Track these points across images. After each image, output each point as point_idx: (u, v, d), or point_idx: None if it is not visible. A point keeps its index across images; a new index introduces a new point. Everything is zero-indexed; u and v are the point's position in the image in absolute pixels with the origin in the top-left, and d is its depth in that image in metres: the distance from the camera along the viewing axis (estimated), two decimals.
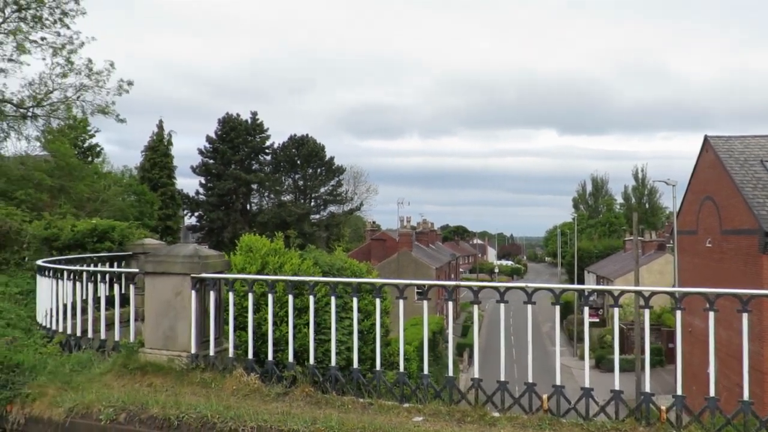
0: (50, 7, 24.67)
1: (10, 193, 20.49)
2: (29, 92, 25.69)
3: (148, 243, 11.97)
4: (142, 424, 5.55)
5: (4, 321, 8.90)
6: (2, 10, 24.00)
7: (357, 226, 75.16)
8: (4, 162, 24.06)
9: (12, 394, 6.19)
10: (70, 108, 26.43)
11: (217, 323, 6.92)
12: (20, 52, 24.61)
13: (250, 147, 62.66)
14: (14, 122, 25.83)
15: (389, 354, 11.41)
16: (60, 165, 24.82)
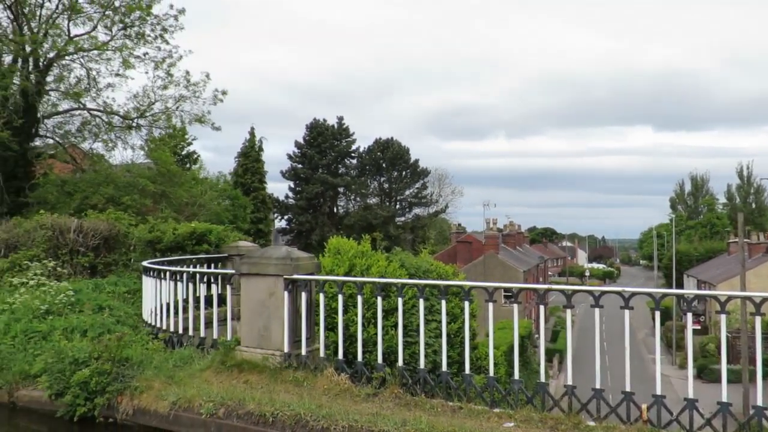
0: (152, 24, 26.31)
1: (117, 199, 21.90)
2: (134, 104, 27.52)
3: (242, 245, 12.46)
4: (239, 419, 5.78)
5: (114, 318, 9.55)
6: (110, 28, 25.80)
7: (442, 229, 74.84)
8: (112, 170, 25.77)
9: (122, 387, 6.62)
10: (170, 118, 28.05)
11: (309, 323, 7.10)
12: (126, 67, 26.40)
13: (336, 151, 63.95)
14: (121, 132, 27.71)
15: (475, 358, 11.28)
16: (161, 172, 26.27)
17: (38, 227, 13.40)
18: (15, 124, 22.63)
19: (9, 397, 7.51)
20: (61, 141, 27.03)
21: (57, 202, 21.84)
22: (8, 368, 7.77)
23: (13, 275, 11.59)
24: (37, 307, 9.59)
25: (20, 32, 23.73)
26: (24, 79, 23.44)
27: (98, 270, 13.43)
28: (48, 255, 12.72)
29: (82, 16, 25.21)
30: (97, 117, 27.08)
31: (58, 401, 6.81)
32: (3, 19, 24.13)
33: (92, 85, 26.55)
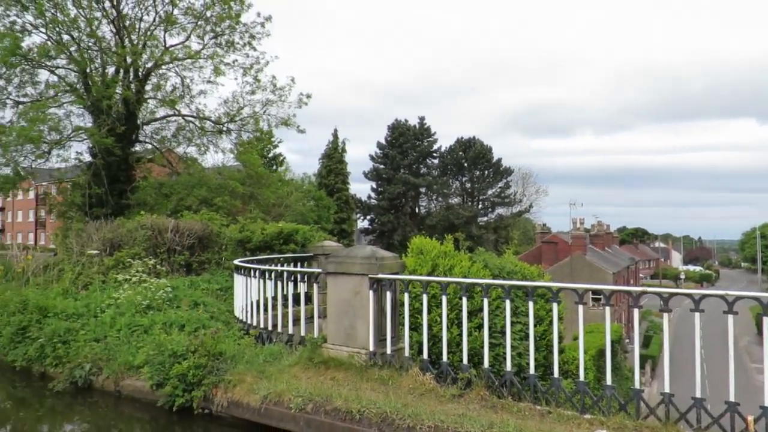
0: (240, 32, 27.40)
1: (210, 200, 22.94)
2: (224, 109, 28.78)
3: (327, 245, 12.70)
4: (327, 414, 5.89)
5: (208, 314, 10.00)
6: (202, 38, 27.11)
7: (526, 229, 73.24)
8: (205, 172, 27.01)
9: (217, 380, 6.92)
10: (258, 121, 29.11)
11: (393, 322, 7.15)
12: (217, 74, 27.66)
13: (418, 151, 64.02)
14: (212, 137, 29.05)
15: (562, 362, 10.95)
16: (250, 174, 27.30)
17: (139, 227, 14.26)
18: (118, 130, 24.22)
19: (115, 386, 8.04)
20: (159, 146, 28.66)
21: (155, 203, 23.16)
22: (114, 359, 8.32)
23: (118, 272, 12.39)
24: (139, 302, 10.20)
25: (122, 45, 25.34)
26: (125, 89, 25.01)
27: (193, 268, 14.11)
28: (148, 253, 13.51)
29: (177, 27, 26.62)
30: (190, 122, 28.52)
31: (159, 391, 7.22)
32: (107, 33, 25.88)
33: (186, 93, 28.02)
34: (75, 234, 15.93)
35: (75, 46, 24.66)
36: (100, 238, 14.39)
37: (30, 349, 9.29)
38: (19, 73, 24.31)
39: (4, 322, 10.27)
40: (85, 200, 24.60)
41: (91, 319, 9.78)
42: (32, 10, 23.48)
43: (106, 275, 12.66)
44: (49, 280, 12.94)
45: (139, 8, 26.11)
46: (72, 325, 9.43)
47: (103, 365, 8.34)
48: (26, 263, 13.78)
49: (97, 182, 24.53)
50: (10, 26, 23.47)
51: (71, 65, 24.97)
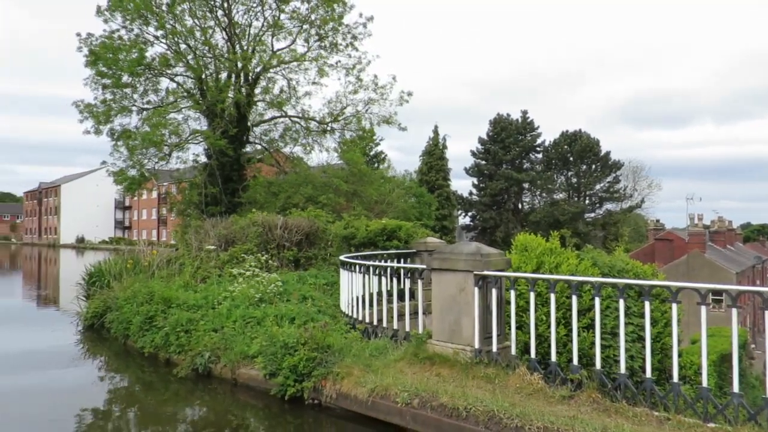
0: (343, 33, 28.07)
1: (315, 198, 23.70)
2: (328, 109, 29.64)
3: (430, 241, 12.73)
4: (433, 410, 5.91)
5: (316, 308, 10.34)
6: (307, 41, 28.03)
7: (638, 225, 69.53)
8: (310, 171, 27.93)
9: (326, 372, 7.14)
10: (360, 120, 29.70)
11: (499, 320, 7.04)
12: (321, 75, 28.54)
13: (521, 146, 62.60)
14: (317, 136, 30.01)
15: (679, 366, 10.31)
16: (353, 172, 27.91)
17: (251, 224, 14.98)
18: (230, 132, 25.61)
19: (232, 375, 8.51)
20: (267, 146, 29.99)
21: (265, 201, 24.24)
22: (231, 348, 8.80)
23: (232, 266, 13.10)
24: (252, 295, 10.73)
25: (233, 51, 26.73)
26: (237, 93, 26.38)
27: (300, 263, 14.64)
28: (259, 249, 14.17)
29: (284, 31, 27.72)
30: (296, 123, 29.62)
31: (272, 381, 7.56)
32: (219, 41, 27.39)
33: (292, 94, 29.14)
34: (194, 230, 17.02)
35: (191, 54, 26.35)
36: (216, 234, 15.27)
37: (156, 337, 10.05)
38: (143, 81, 26.28)
39: (134, 312, 11.18)
40: (201, 199, 26.22)
41: (209, 311, 10.40)
42: (154, 22, 25.29)
43: (222, 269, 13.41)
44: (172, 274, 13.90)
45: (248, 15, 27.46)
46: (193, 316, 10.09)
47: (220, 354, 8.86)
48: (152, 258, 14.90)
49: (212, 182, 26.06)
50: (135, 39, 25.43)
51: (188, 72, 26.69)
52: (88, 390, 8.94)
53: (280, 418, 7.17)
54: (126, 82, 25.59)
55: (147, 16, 24.97)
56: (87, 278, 15.42)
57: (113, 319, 11.91)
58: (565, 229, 51.06)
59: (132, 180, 26.79)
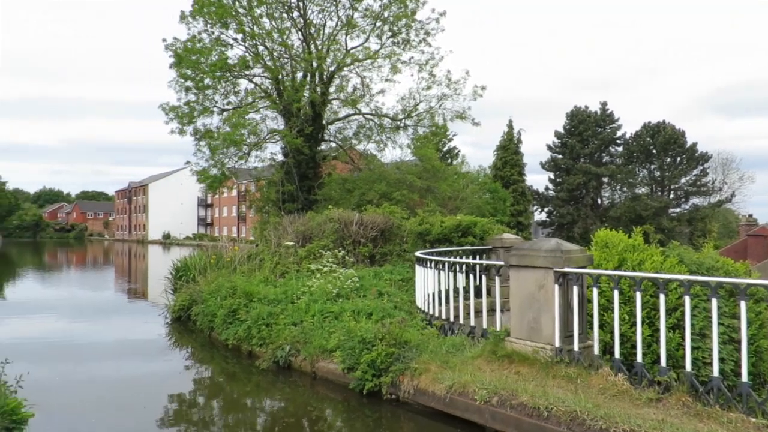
0: (416, 29, 28.05)
1: (389, 194, 23.83)
2: (401, 106, 29.70)
3: (506, 238, 12.53)
4: (512, 409, 5.83)
5: (392, 303, 10.41)
6: (380, 37, 28.19)
7: (727, 221, 65.61)
8: (384, 168, 28.10)
9: (403, 367, 7.18)
10: (433, 116, 29.60)
11: (581, 319, 6.85)
12: (394, 72, 28.63)
13: (600, 139, 60.46)
14: (390, 133, 30.15)
15: None
16: (426, 168, 27.85)
17: (327, 220, 15.26)
18: (306, 131, 26.16)
19: (311, 368, 8.71)
20: (341, 144, 30.41)
21: (339, 198, 24.60)
22: (310, 342, 9.01)
23: (310, 262, 13.39)
24: (330, 290, 10.93)
25: (308, 51, 27.26)
26: (312, 92, 26.90)
27: (376, 259, 14.77)
28: (335, 245, 14.41)
29: (357, 29, 27.99)
30: (370, 120, 29.86)
31: (350, 375, 7.68)
32: (295, 41, 27.99)
33: (366, 92, 29.39)
34: (272, 227, 17.50)
35: (269, 55, 27.07)
36: (293, 230, 15.65)
37: (239, 330, 10.42)
38: (223, 83, 27.25)
39: (218, 305, 11.64)
40: (278, 196, 26.94)
41: (288, 305, 10.69)
42: (233, 26, 26.17)
43: (300, 265, 13.73)
44: (252, 269, 14.37)
45: (323, 15, 27.91)
46: (273, 310, 10.40)
47: (300, 347, 9.08)
48: (233, 253, 15.45)
49: (289, 179, 26.71)
50: (215, 42, 26.39)
51: (265, 73, 27.45)
52: (176, 379, 9.40)
53: (358, 412, 7.27)
54: (207, 84, 26.63)
55: (227, 20, 25.86)
56: (174, 273, 16.18)
57: (198, 312, 12.45)
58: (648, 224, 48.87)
59: (214, 179, 27.87)
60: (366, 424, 6.93)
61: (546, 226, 62.52)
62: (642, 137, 60.67)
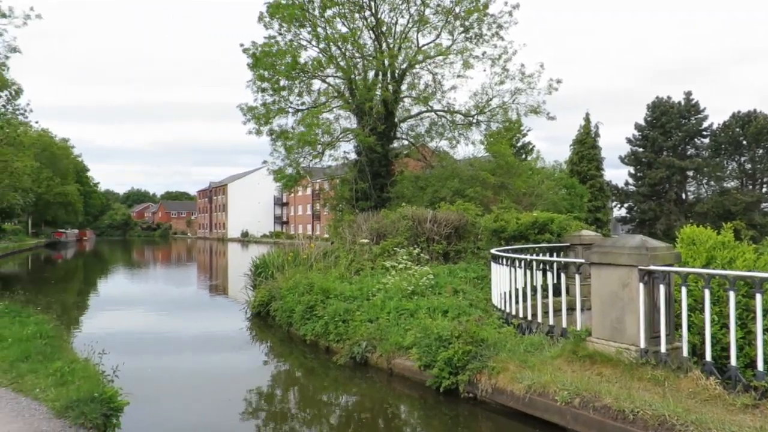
0: (488, 23, 27.65)
1: (462, 191, 23.62)
2: (473, 102, 29.38)
3: (585, 234, 12.16)
4: (595, 411, 5.65)
5: (467, 301, 10.33)
6: (452, 33, 27.98)
7: None
8: (456, 165, 27.89)
9: (480, 366, 7.11)
10: (507, 111, 29.10)
11: (668, 319, 6.55)
12: (466, 67, 28.35)
13: (684, 131, 57.59)
14: (463, 129, 29.89)
15: None
16: (500, 164, 27.39)
17: (401, 218, 15.31)
18: (378, 129, 26.34)
19: (387, 364, 8.76)
20: (414, 141, 30.42)
21: (412, 195, 24.61)
22: (386, 339, 9.07)
23: (384, 259, 13.48)
24: (405, 288, 10.97)
25: (380, 49, 27.42)
26: (384, 90, 27.04)
27: (450, 256, 14.70)
28: (409, 242, 14.44)
29: (429, 26, 27.91)
30: (442, 117, 29.72)
31: (427, 372, 7.68)
32: (367, 41, 28.22)
33: (438, 89, 29.26)
34: (347, 225, 17.75)
35: (341, 56, 27.43)
36: (368, 228, 15.81)
37: (317, 326, 10.64)
38: (298, 84, 27.84)
39: (296, 301, 11.92)
40: (352, 194, 27.27)
41: (364, 302, 10.81)
42: (307, 27, 26.69)
43: (374, 262, 13.85)
44: (328, 266, 14.63)
45: (394, 13, 27.97)
46: (349, 307, 10.54)
47: (376, 344, 9.16)
48: (310, 251, 15.78)
49: (362, 178, 26.98)
50: (290, 43, 27.00)
51: (338, 73, 27.84)
52: (257, 372, 9.71)
53: (435, 410, 7.26)
54: (283, 85, 27.29)
55: (301, 21, 26.40)
56: (253, 269, 16.69)
57: (277, 308, 12.80)
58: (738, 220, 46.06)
59: (289, 177, 28.54)
60: (443, 422, 6.91)
61: (626, 222, 60.26)
62: (731, 128, 57.38)
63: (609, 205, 50.62)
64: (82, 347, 8.69)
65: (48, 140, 63.44)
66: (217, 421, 7.12)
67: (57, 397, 5.89)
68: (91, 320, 15.01)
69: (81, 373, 6.62)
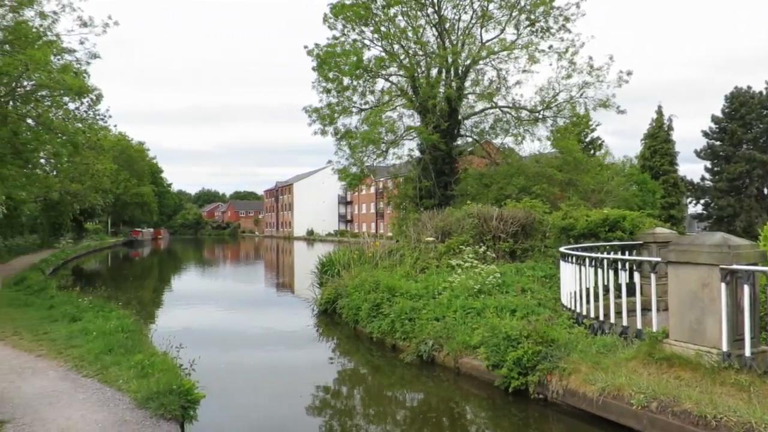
0: (554, 16, 27.00)
1: (527, 188, 23.18)
2: (539, 97, 28.76)
3: (659, 232, 11.68)
4: (674, 416, 5.43)
5: (536, 300, 10.13)
6: (516, 27, 27.49)
7: None
8: (522, 161, 27.41)
9: (551, 366, 6.96)
10: (574, 106, 28.34)
11: (753, 321, 6.21)
12: (531, 62, 27.81)
13: (765, 122, 54.42)
14: (528, 126, 29.32)
15: None
16: (567, 160, 26.72)
17: (466, 216, 15.18)
18: (442, 127, 26.22)
19: (454, 363, 8.71)
20: (478, 138, 30.09)
21: (477, 193, 24.36)
22: (453, 338, 9.02)
23: (450, 257, 13.41)
24: (471, 286, 10.88)
25: (443, 46, 27.27)
26: (447, 88, 26.88)
27: (517, 255, 14.45)
28: (475, 240, 14.30)
29: (492, 21, 27.53)
30: (507, 113, 29.25)
31: (495, 372, 7.58)
32: (429, 38, 28.13)
33: (502, 85, 28.83)
34: (412, 223, 17.75)
35: (404, 54, 27.46)
36: (432, 226, 15.76)
37: (383, 324, 10.70)
38: (361, 83, 28.05)
39: (362, 299, 12.03)
40: (416, 192, 27.25)
41: (430, 300, 10.79)
42: (371, 26, 26.86)
43: (440, 260, 13.80)
44: (393, 264, 14.68)
45: (457, 9, 27.77)
46: (415, 305, 10.55)
47: (443, 343, 9.12)
48: (375, 249, 15.89)
49: (426, 176, 26.93)
50: (353, 43, 27.25)
51: (401, 72, 27.88)
52: (325, 369, 9.86)
53: (504, 410, 7.16)
54: (346, 85, 27.57)
55: (365, 20, 26.59)
56: (320, 267, 16.96)
57: (344, 305, 12.95)
58: None
59: (354, 176, 28.79)
60: (513, 423, 6.81)
61: (702, 219, 57.48)
62: None
63: (683, 202, 48.57)
64: (160, 341, 9.08)
65: (125, 143, 66.59)
66: (287, 415, 7.28)
67: (138, 388, 6.17)
68: (167, 315, 15.67)
69: (160, 366, 6.91)
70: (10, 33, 17.83)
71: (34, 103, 19.81)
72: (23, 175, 22.16)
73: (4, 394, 6.20)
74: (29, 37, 17.79)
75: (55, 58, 19.32)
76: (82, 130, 21.33)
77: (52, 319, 10.78)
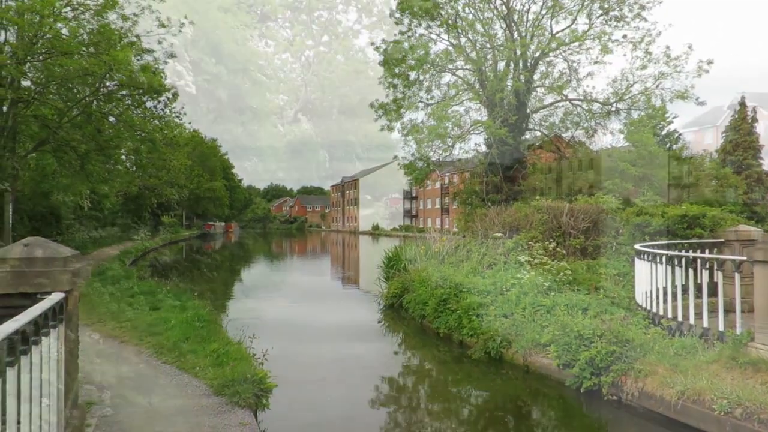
0: (629, 4, 25.98)
1: (599, 183, 22.52)
2: (612, 89, 27.76)
3: (742, 230, 11.08)
4: (761, 424, 5.15)
5: (609, 299, 9.83)
6: (589, 17, 26.64)
7: None
8: (594, 155, 26.61)
9: (626, 367, 6.73)
10: (649, 98, 27.19)
11: None
12: (604, 53, 26.85)
13: None
14: (600, 119, 28.37)
15: None
16: (641, 154, 25.78)
17: (535, 211, 14.88)
18: (510, 121, 25.77)
19: (523, 361, 8.57)
20: (547, 132, 29.39)
21: (546, 188, 23.86)
22: (521, 335, 8.88)
23: (518, 254, 13.18)
24: (541, 283, 10.66)
25: (511, 39, 26.77)
26: (515, 81, 26.37)
27: (588, 252, 14.03)
28: (544, 237, 13.99)
29: (563, 11, 26.78)
30: (578, 106, 28.41)
31: (566, 371, 7.41)
32: (497, 31, 27.67)
33: (573, 77, 28.00)
34: (479, 218, 17.56)
35: (471, 47, 27.14)
36: (500, 222, 15.54)
37: (450, 319, 10.65)
38: (428, 78, 27.95)
39: (429, 294, 12.01)
40: (482, 187, 26.94)
41: (498, 297, 10.64)
42: (438, 20, 26.71)
43: (508, 256, 13.59)
44: (460, 260, 14.57)
45: (526, 0, 27.18)
46: (483, 301, 10.44)
47: (511, 340, 8.99)
48: (441, 244, 15.82)
49: (493, 170, 26.57)
50: (420, 38, 27.16)
51: (468, 65, 27.56)
52: (392, 363, 9.92)
53: (575, 411, 6.99)
54: (413, 80, 27.52)
55: (432, 14, 26.44)
56: (386, 262, 17.05)
57: (410, 300, 12.97)
58: None
59: (420, 171, 28.75)
60: (585, 424, 6.64)
61: None
62: None
63: None
64: (233, 331, 9.37)
65: (199, 140, 69.11)
66: (354, 407, 7.37)
67: (214, 376, 6.41)
68: (238, 306, 16.16)
69: (234, 355, 7.15)
70: (95, 36, 18.82)
71: (116, 101, 20.88)
72: (106, 170, 23.43)
73: (91, 377, 6.57)
74: (112, 38, 18.73)
75: (135, 59, 20.27)
76: (159, 127, 22.31)
77: (134, 307, 11.33)
